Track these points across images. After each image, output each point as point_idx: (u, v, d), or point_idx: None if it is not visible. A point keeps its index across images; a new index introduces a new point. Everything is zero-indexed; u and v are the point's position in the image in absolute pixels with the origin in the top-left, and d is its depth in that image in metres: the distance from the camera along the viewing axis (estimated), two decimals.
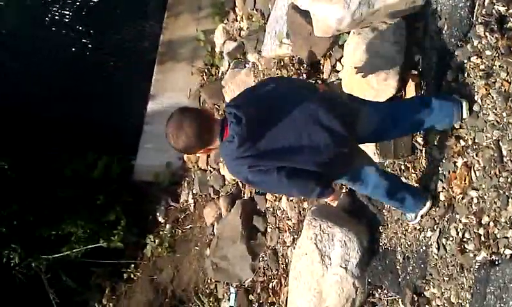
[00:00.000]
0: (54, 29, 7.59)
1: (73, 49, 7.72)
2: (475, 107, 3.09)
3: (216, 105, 6.44)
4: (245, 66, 5.91)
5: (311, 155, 2.75)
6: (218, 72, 6.71)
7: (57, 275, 7.14)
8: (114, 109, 7.71)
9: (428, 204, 3.34)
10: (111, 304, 7.20)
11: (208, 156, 6.40)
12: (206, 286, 6.04)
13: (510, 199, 2.81)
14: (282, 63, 5.09)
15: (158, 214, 7.24)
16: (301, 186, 2.86)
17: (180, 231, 6.90)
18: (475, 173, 3.07)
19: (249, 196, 5.65)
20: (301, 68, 4.82)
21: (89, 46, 7.75)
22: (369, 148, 3.53)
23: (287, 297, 4.41)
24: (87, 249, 6.97)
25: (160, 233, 7.07)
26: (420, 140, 3.54)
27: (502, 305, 2.63)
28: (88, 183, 7.12)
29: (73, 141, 7.52)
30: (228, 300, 5.52)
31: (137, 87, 7.71)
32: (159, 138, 7.11)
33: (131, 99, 7.78)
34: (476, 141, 3.08)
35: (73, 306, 7.26)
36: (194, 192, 6.75)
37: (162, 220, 7.19)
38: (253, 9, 6.04)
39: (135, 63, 7.84)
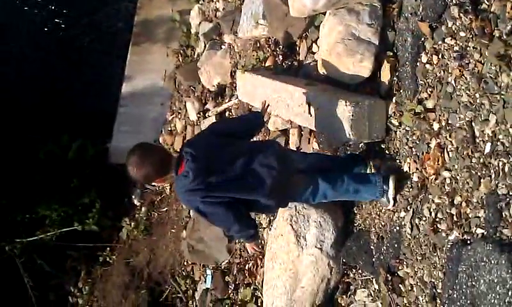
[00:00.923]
0: (25, 8, 7.43)
1: (46, 29, 7.57)
2: (449, 89, 3.11)
3: (191, 87, 6.38)
4: (221, 48, 5.85)
5: (257, 186, 3.13)
6: (194, 53, 6.63)
7: (31, 259, 7.07)
8: (88, 91, 7.62)
9: (391, 184, 3.39)
10: (86, 287, 7.18)
11: (184, 138, 6.37)
12: (182, 269, 6.04)
13: (482, 180, 2.85)
14: (258, 45, 5.05)
15: (134, 197, 7.21)
16: (242, 227, 3.27)
17: (156, 213, 6.88)
18: (448, 154, 3.10)
19: None
20: (277, 49, 4.80)
21: (62, 26, 7.61)
22: (344, 130, 3.53)
23: (263, 278, 4.44)
24: (61, 232, 6.91)
25: (136, 216, 7.05)
26: (394, 121, 3.55)
27: (473, 283, 2.67)
28: (62, 166, 7.04)
29: (48, 123, 7.42)
30: (205, 282, 5.54)
31: (111, 69, 7.61)
32: (134, 120, 7.08)
33: (106, 81, 7.68)
34: (449, 122, 3.11)
35: (49, 289, 7.21)
36: None
37: (138, 203, 7.16)
38: None
39: (109, 44, 7.74)
